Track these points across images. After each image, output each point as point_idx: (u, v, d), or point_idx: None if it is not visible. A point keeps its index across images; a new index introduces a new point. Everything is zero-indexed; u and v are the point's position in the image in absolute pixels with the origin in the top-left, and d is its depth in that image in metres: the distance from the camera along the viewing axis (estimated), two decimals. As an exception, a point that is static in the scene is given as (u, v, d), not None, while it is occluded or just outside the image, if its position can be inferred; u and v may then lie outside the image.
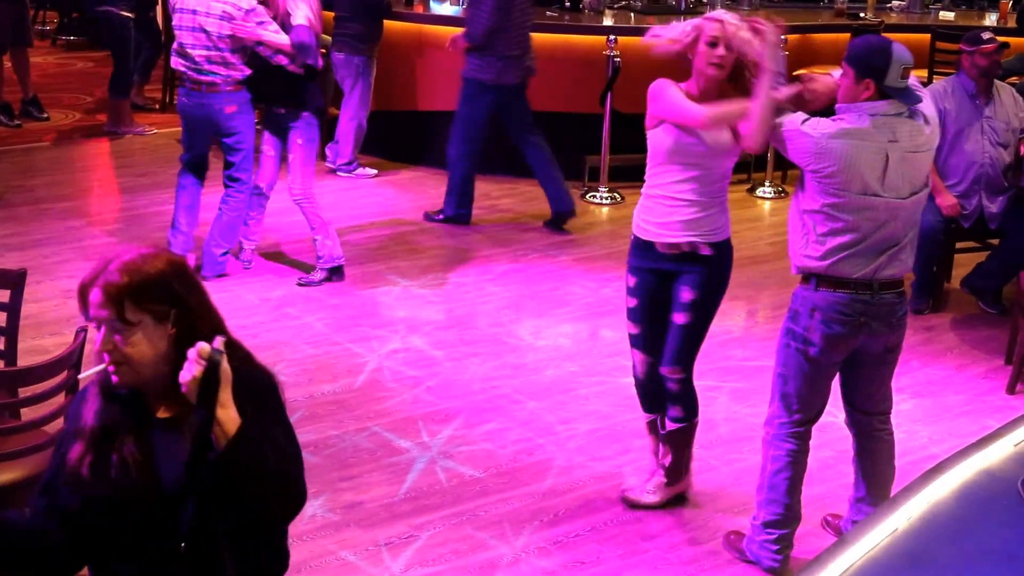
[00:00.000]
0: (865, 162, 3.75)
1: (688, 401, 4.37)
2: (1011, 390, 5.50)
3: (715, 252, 4.18)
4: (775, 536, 4.07)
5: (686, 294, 4.21)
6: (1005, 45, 6.36)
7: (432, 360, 5.59)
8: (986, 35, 6.24)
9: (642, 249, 4.24)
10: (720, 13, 4.12)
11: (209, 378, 2.34)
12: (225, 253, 6.41)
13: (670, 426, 4.41)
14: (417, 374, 5.44)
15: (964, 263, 6.56)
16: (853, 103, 3.81)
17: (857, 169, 3.75)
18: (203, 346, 2.37)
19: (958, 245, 6.54)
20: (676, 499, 4.50)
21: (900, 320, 3.98)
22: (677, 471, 4.46)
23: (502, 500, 4.48)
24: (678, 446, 4.43)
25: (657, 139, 4.13)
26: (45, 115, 9.41)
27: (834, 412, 5.05)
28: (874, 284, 3.86)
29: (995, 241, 6.44)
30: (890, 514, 2.23)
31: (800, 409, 4.04)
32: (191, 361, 2.35)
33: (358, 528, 4.27)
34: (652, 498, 4.46)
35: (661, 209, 4.15)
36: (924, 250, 6.34)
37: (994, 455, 2.43)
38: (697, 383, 4.37)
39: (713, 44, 4.03)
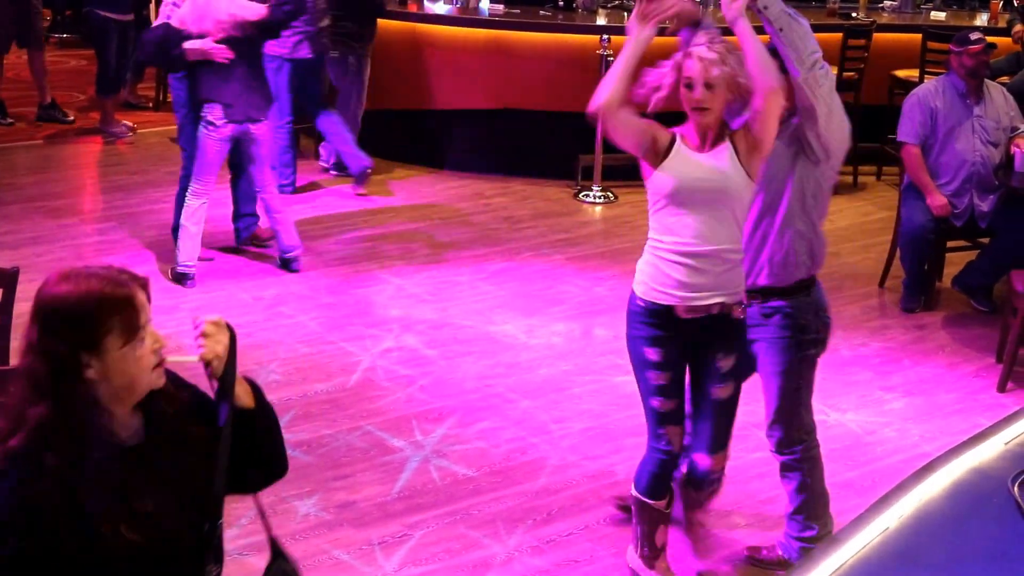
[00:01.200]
0: None
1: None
2: (1002, 388, 5.52)
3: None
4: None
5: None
6: (992, 46, 6.37)
7: (425, 359, 5.60)
8: (974, 36, 6.25)
9: None
10: (697, 41, 3.46)
11: (232, 345, 2.32)
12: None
13: (701, 508, 4.11)
14: (410, 373, 5.45)
15: (955, 262, 6.58)
16: None
17: None
18: (217, 317, 2.31)
19: (949, 244, 6.55)
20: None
21: None
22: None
23: (495, 499, 4.48)
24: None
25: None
26: (71, 118, 9.27)
27: (825, 410, 5.08)
28: None
29: (986, 240, 6.46)
30: (881, 513, 2.23)
31: (810, 411, 3.97)
32: (206, 335, 2.28)
33: (351, 527, 4.28)
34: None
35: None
36: (915, 249, 6.38)
37: (985, 453, 2.44)
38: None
39: (689, 86, 3.44)
